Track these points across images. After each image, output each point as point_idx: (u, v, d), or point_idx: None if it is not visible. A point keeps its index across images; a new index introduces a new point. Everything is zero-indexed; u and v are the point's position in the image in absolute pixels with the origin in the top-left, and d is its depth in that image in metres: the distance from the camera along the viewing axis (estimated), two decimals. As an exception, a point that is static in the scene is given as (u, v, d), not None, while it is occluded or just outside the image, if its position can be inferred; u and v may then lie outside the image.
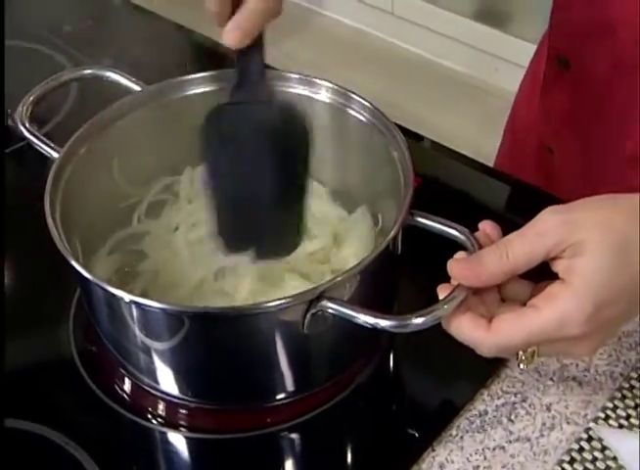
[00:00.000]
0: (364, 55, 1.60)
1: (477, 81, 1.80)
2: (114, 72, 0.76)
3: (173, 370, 0.64)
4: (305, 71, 0.70)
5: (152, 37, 1.05)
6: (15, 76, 0.88)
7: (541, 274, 0.56)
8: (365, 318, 0.56)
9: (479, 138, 1.06)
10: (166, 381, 0.65)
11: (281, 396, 0.65)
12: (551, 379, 0.67)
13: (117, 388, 0.67)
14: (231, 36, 0.59)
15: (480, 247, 0.58)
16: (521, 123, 0.94)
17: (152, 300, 0.58)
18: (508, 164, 0.95)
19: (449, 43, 1.79)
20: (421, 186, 0.81)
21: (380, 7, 1.67)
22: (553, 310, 0.54)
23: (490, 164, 0.97)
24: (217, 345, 0.61)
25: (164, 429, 0.65)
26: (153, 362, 0.63)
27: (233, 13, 0.59)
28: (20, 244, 0.78)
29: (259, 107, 0.63)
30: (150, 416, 0.66)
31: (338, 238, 0.72)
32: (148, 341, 0.61)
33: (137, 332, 0.61)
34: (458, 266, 0.56)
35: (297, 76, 0.73)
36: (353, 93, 0.71)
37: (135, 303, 0.58)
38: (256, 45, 0.61)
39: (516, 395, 0.66)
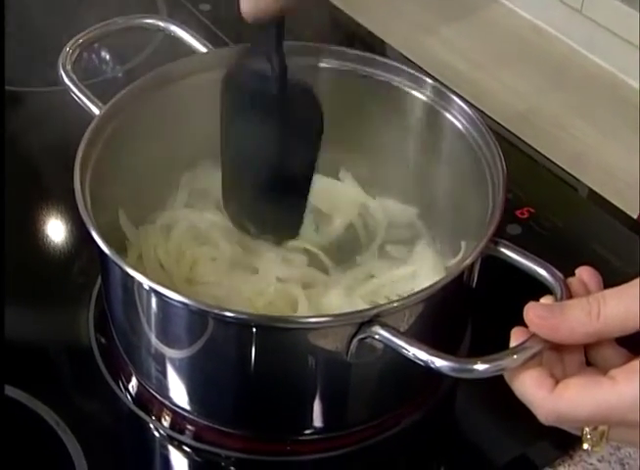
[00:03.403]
0: (534, 57, 1.61)
1: (676, 117, 1.78)
2: (179, 27, 0.77)
3: (184, 381, 0.67)
4: (457, 64, 0.73)
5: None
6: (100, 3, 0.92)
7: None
8: (418, 354, 0.56)
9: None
10: (175, 392, 0.68)
11: (307, 431, 0.68)
12: (635, 477, 0.66)
13: (121, 383, 0.72)
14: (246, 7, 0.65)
15: (571, 296, 0.57)
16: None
17: (176, 292, 0.59)
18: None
19: (648, 61, 1.77)
20: (532, 218, 0.84)
21: (566, 1, 1.68)
22: (631, 387, 0.53)
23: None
24: (241, 359, 0.63)
25: (167, 433, 0.69)
26: (163, 368, 0.67)
27: None
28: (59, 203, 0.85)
29: (271, 79, 0.68)
30: (154, 418, 0.70)
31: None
32: (160, 344, 0.65)
33: (151, 331, 0.64)
34: (535, 312, 0.56)
35: (400, 66, 0.76)
36: (454, 93, 0.73)
37: (155, 291, 0.60)
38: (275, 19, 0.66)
39: (586, 485, 0.66)
